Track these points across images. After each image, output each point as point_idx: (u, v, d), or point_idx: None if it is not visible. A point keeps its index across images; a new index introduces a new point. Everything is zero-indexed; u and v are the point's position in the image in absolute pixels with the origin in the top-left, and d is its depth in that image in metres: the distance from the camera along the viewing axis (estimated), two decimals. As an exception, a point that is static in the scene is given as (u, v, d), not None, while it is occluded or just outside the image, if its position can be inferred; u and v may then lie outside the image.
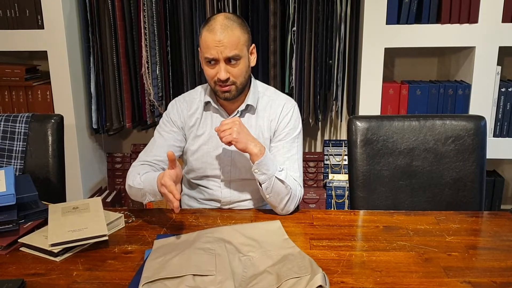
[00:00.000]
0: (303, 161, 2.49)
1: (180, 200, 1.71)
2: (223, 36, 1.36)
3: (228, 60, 1.38)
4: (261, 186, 1.39)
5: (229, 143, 1.37)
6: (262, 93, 1.55)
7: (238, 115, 1.50)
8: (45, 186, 1.61)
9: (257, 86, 1.55)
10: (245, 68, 1.43)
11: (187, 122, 1.54)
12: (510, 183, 2.65)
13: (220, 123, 1.38)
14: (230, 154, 1.51)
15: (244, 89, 1.47)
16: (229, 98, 1.44)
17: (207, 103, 1.52)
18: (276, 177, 1.38)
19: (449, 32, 2.13)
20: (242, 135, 1.36)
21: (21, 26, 2.23)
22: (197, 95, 1.56)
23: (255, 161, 1.37)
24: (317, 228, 1.32)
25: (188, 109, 1.54)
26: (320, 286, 0.98)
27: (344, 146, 2.55)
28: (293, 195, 1.41)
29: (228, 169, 1.51)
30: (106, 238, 1.21)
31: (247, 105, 1.50)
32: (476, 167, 1.57)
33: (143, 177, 1.40)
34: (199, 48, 1.46)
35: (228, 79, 1.39)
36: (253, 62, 1.48)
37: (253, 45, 1.47)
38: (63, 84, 2.27)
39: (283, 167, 1.43)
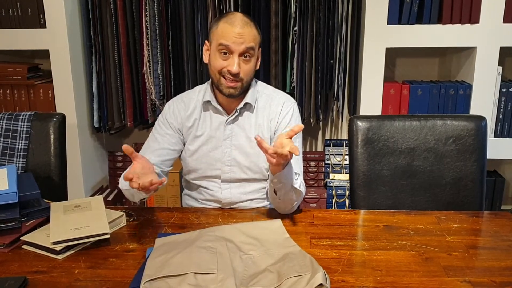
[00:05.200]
0: (304, 160, 2.50)
1: (180, 200, 1.72)
2: (243, 30, 1.38)
3: (242, 55, 1.39)
4: (275, 193, 1.36)
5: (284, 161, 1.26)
6: (261, 91, 1.55)
7: (237, 113, 1.50)
8: (47, 184, 1.62)
9: (256, 85, 1.55)
10: (253, 67, 1.45)
11: (185, 123, 1.53)
12: (511, 184, 2.65)
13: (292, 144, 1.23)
14: (230, 155, 1.51)
15: (247, 89, 1.48)
16: (233, 95, 1.44)
17: (206, 103, 1.52)
18: (292, 185, 1.36)
19: (450, 32, 2.13)
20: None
21: (23, 25, 2.23)
22: (195, 95, 1.56)
23: (276, 172, 1.31)
24: (317, 227, 1.33)
25: (185, 110, 1.54)
26: (321, 284, 0.98)
27: (345, 146, 2.55)
28: (301, 198, 1.41)
29: (228, 170, 1.52)
30: (108, 236, 1.21)
31: (246, 103, 1.50)
32: (476, 167, 1.58)
33: None
34: (206, 41, 1.47)
35: (237, 74, 1.40)
36: (257, 65, 1.49)
37: (260, 49, 1.48)
38: (65, 83, 2.27)
39: (297, 172, 1.41)
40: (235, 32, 1.37)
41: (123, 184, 1.43)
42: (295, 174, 1.39)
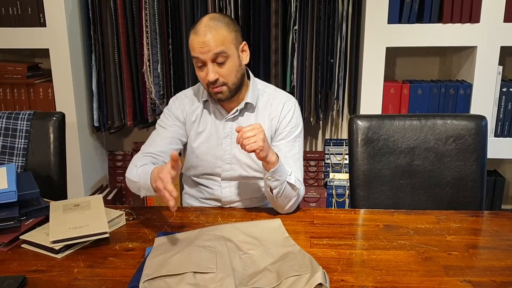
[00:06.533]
0: (304, 160, 2.49)
1: (180, 199, 1.72)
2: (207, 37, 1.34)
3: (215, 61, 1.37)
4: (271, 191, 1.37)
5: (252, 151, 1.29)
6: (262, 90, 1.54)
7: (237, 113, 1.50)
8: (46, 183, 1.62)
9: (257, 83, 1.54)
10: (234, 67, 1.40)
11: (189, 117, 1.53)
12: (511, 183, 2.65)
13: (241, 130, 1.28)
14: (230, 152, 1.50)
15: (237, 88, 1.45)
16: (222, 99, 1.43)
17: (205, 102, 1.52)
18: (287, 181, 1.37)
19: (450, 32, 2.13)
20: (266, 142, 1.30)
21: (23, 24, 2.23)
22: (198, 92, 1.55)
23: (270, 169, 1.33)
24: (317, 227, 1.33)
25: (190, 105, 1.53)
26: (320, 284, 0.98)
27: (345, 145, 2.55)
28: (299, 196, 1.41)
29: (228, 167, 1.51)
30: (107, 235, 1.21)
31: (246, 103, 1.49)
32: (477, 166, 1.58)
33: (139, 170, 1.38)
34: None
35: (217, 80, 1.38)
36: (245, 60, 1.45)
37: (244, 42, 1.44)
38: (64, 82, 2.27)
39: (290, 170, 1.42)
40: (199, 41, 1.34)
41: (131, 175, 1.39)
42: (288, 170, 1.40)
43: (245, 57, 1.45)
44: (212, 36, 1.34)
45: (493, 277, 1.07)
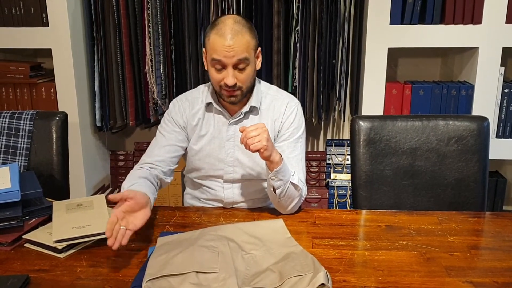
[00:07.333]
0: (305, 160, 2.49)
1: (182, 199, 1.72)
2: (233, 42, 1.33)
3: (236, 66, 1.37)
4: (275, 191, 1.37)
5: (256, 150, 1.29)
6: (265, 92, 1.54)
7: (241, 116, 1.50)
8: (49, 183, 1.62)
9: (260, 86, 1.54)
10: (252, 73, 1.42)
11: (190, 121, 1.53)
12: (513, 184, 2.65)
13: (245, 130, 1.29)
14: (233, 155, 1.51)
15: (248, 92, 1.46)
16: (234, 102, 1.44)
17: (208, 104, 1.52)
18: (290, 182, 1.37)
19: (452, 33, 2.13)
20: (270, 142, 1.30)
21: (26, 24, 2.24)
22: (199, 94, 1.55)
23: (274, 168, 1.33)
24: (319, 227, 1.33)
25: (190, 108, 1.53)
26: (323, 284, 0.99)
27: (347, 146, 2.55)
28: (301, 196, 1.41)
29: (230, 170, 1.51)
30: (110, 235, 1.21)
31: (251, 107, 1.49)
32: (478, 167, 1.58)
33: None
34: (203, 49, 1.45)
35: (235, 84, 1.38)
36: (258, 66, 1.47)
37: (259, 48, 1.46)
38: (67, 81, 2.28)
39: (293, 170, 1.42)
40: (225, 45, 1.33)
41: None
42: (291, 170, 1.40)
43: (258, 63, 1.47)
44: (238, 41, 1.34)
45: (495, 278, 1.07)
